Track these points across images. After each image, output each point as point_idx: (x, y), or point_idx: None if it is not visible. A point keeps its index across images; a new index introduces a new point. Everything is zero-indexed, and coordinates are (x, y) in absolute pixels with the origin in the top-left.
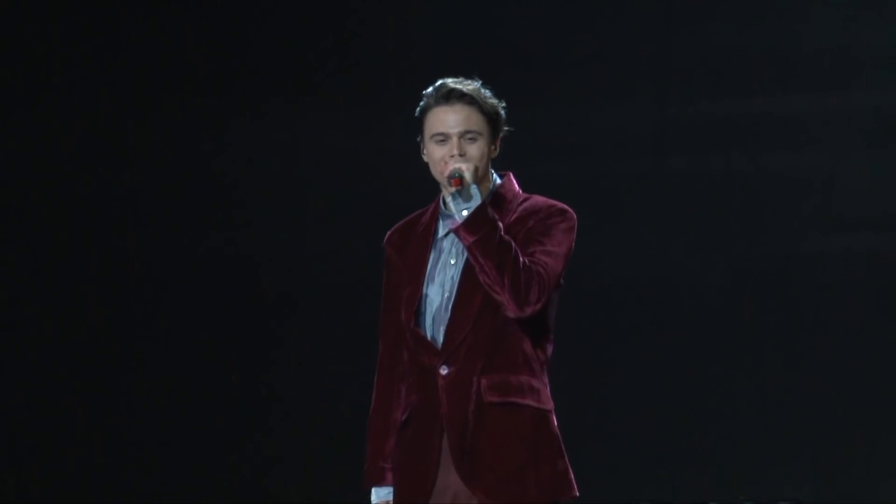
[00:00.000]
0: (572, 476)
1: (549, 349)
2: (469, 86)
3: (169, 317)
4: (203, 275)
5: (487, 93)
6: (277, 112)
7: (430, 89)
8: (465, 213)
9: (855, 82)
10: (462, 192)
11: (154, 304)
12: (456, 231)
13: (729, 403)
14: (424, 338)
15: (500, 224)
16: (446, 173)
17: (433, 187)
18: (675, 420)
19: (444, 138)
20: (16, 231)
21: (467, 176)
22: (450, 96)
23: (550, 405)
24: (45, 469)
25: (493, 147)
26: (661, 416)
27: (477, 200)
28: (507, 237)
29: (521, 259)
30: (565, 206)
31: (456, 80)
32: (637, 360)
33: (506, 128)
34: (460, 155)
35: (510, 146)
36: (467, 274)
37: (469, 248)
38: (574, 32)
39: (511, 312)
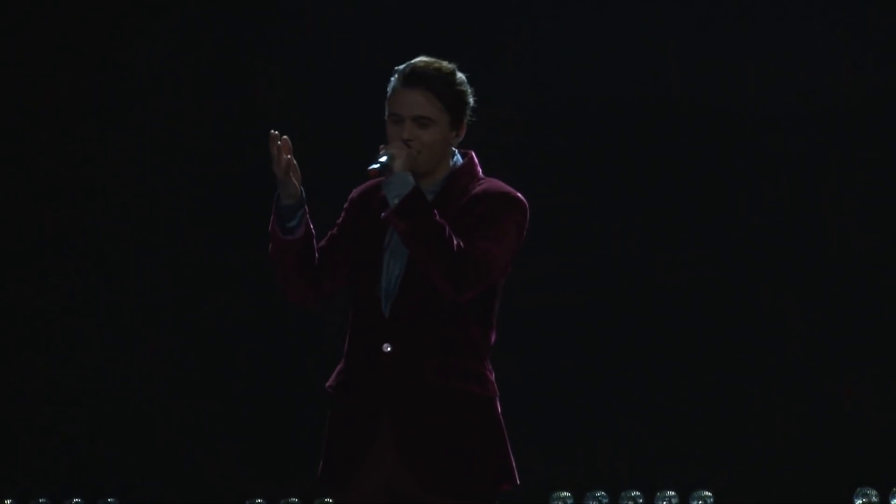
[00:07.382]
0: (514, 464)
1: (493, 337)
2: (434, 69)
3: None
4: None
5: (456, 78)
6: None
7: (401, 66)
8: (396, 200)
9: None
10: (387, 179)
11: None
12: (388, 218)
13: (650, 391)
14: (379, 305)
15: (435, 210)
16: (378, 158)
17: None
18: (594, 407)
19: (397, 119)
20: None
21: (397, 164)
22: (409, 78)
23: (495, 392)
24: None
25: (453, 133)
26: (579, 402)
27: (407, 188)
28: (440, 222)
29: (455, 244)
30: (517, 196)
31: (428, 60)
32: (556, 342)
33: (471, 116)
34: (408, 140)
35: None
36: None
37: (401, 236)
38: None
39: (448, 297)
